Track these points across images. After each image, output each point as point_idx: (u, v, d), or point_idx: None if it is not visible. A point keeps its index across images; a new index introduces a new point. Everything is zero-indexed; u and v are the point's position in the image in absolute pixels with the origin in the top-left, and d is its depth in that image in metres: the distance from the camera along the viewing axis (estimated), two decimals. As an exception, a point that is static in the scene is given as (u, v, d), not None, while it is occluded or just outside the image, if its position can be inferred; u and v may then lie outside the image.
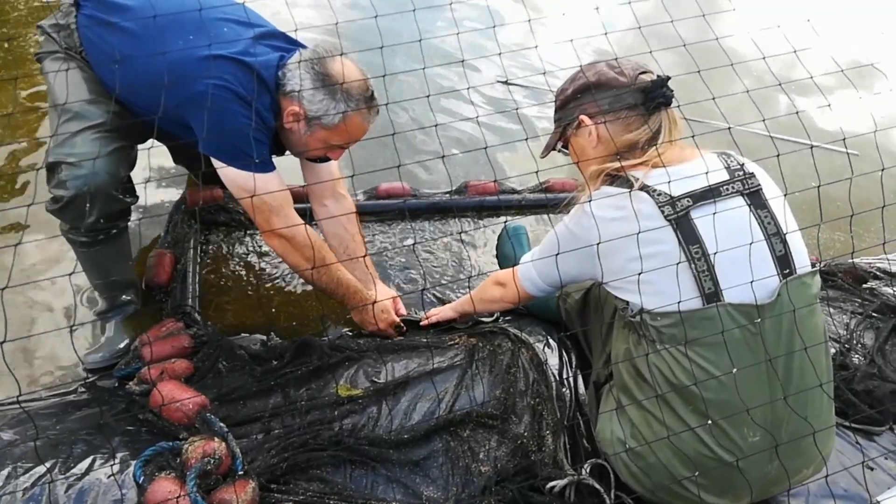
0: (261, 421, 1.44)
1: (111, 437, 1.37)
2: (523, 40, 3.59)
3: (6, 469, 1.25)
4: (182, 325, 1.75)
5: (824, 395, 1.24)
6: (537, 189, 2.53)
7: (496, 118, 3.06)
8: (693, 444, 1.21)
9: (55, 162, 1.52)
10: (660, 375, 1.23)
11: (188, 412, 1.39)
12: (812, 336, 1.23)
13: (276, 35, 1.69)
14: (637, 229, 1.19)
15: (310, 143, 1.65)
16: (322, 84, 1.55)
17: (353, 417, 1.46)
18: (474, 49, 3.30)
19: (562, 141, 1.46)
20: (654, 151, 1.27)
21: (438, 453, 1.42)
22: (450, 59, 3.02)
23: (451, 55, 3.12)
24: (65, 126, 1.55)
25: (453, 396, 1.54)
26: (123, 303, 1.86)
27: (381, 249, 2.26)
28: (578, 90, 1.39)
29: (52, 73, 1.61)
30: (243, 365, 1.62)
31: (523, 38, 3.60)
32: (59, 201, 1.53)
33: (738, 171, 1.28)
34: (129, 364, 1.68)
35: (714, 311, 1.18)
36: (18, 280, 1.87)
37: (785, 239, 1.24)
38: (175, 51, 1.50)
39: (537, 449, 1.46)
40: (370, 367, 1.61)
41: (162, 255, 1.99)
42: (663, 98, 1.31)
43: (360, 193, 2.39)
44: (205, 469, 1.21)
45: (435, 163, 2.62)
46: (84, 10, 1.60)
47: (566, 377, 1.64)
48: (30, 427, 1.42)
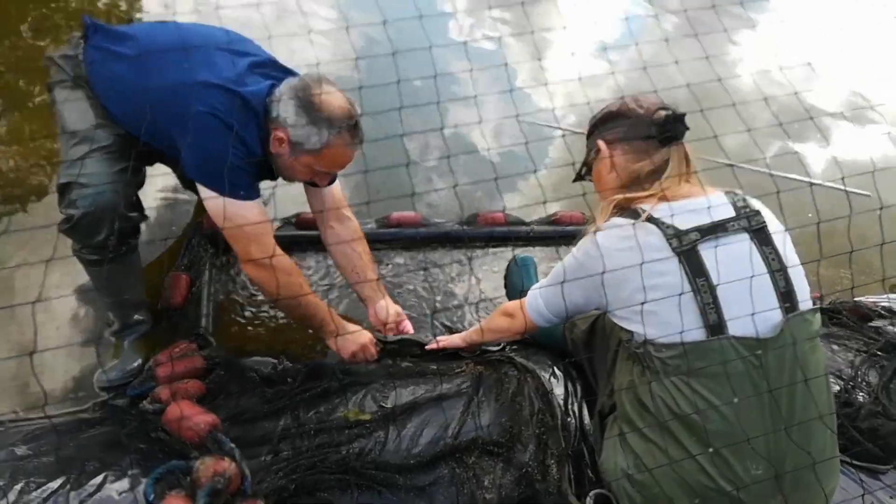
0: (270, 442, 1.46)
1: (123, 455, 1.39)
2: (533, 78, 3.67)
3: (19, 484, 1.28)
4: (195, 346, 1.79)
5: (827, 432, 1.25)
6: (546, 221, 2.57)
7: (507, 151, 3.12)
8: (696, 476, 1.22)
9: (66, 183, 1.58)
10: (664, 406, 1.25)
11: (200, 432, 1.41)
12: (814, 372, 1.25)
13: (270, 64, 1.74)
14: (644, 261, 1.23)
15: (295, 168, 1.69)
16: (305, 111, 1.59)
17: (361, 441, 1.48)
18: (487, 85, 3.38)
19: (586, 167, 1.51)
20: (663, 183, 1.32)
21: (444, 480, 1.44)
22: (461, 94, 3.08)
23: (462, 92, 3.19)
24: (74, 149, 1.62)
25: (459, 423, 1.55)
26: (136, 322, 1.90)
27: (393, 276, 2.29)
28: (602, 119, 1.46)
29: (61, 101, 1.68)
30: (254, 387, 1.65)
31: (532, 76, 3.69)
32: (70, 220, 1.59)
33: (745, 209, 1.32)
34: (142, 384, 1.71)
35: (718, 343, 1.21)
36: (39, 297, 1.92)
37: (788, 275, 1.27)
38: (169, 79, 1.57)
39: (542, 478, 1.48)
40: (378, 392, 1.63)
41: (178, 276, 2.03)
42: (674, 133, 1.36)
43: (371, 222, 2.44)
44: (215, 488, 1.23)
45: (444, 194, 2.67)
46: (91, 42, 1.68)
47: (571, 407, 1.66)
48: (43, 444, 1.44)
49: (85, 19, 1.69)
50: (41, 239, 2.00)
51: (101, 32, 1.69)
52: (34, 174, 2.32)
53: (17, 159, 2.35)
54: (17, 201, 2.23)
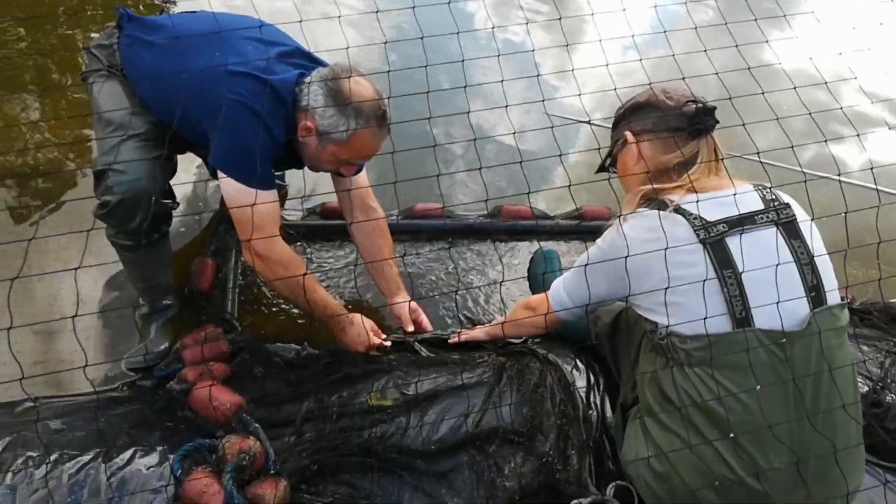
0: (293, 424, 1.49)
1: (151, 432, 1.43)
2: (560, 72, 3.66)
3: (54, 455, 1.32)
4: (221, 330, 1.82)
5: (852, 423, 1.24)
6: (571, 216, 2.56)
7: (531, 144, 3.11)
8: (717, 467, 1.21)
9: (102, 170, 1.61)
10: (686, 397, 1.24)
11: (225, 411, 1.44)
12: (840, 366, 1.24)
13: (299, 54, 1.75)
14: (670, 251, 1.22)
15: (321, 157, 1.69)
16: (334, 100, 1.60)
17: (383, 426, 1.50)
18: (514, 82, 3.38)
19: (611, 158, 1.51)
20: (691, 175, 1.31)
21: (464, 466, 1.45)
22: (488, 87, 3.08)
23: (489, 85, 3.19)
24: (110, 137, 1.65)
25: (480, 412, 1.56)
26: (164, 307, 1.94)
27: (416, 268, 2.30)
28: (629, 109, 1.45)
29: (97, 89, 1.72)
30: (278, 371, 1.67)
31: (559, 76, 3.67)
32: (106, 206, 1.61)
33: (774, 202, 1.30)
34: (169, 365, 1.75)
35: (743, 335, 1.20)
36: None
37: (817, 270, 1.26)
38: (197, 65, 1.58)
39: (562, 468, 1.48)
40: (400, 379, 1.65)
41: (205, 262, 2.07)
42: (704, 125, 1.35)
43: (395, 213, 2.45)
44: (240, 464, 1.26)
45: (469, 187, 2.67)
46: (125, 31, 1.72)
47: (593, 399, 1.65)
48: (76, 418, 1.49)
49: (119, 10, 1.73)
50: (76, 221, 2.04)
51: (135, 22, 1.72)
52: (69, 160, 2.37)
53: (51, 146, 2.41)
54: (52, 186, 2.29)
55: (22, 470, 1.29)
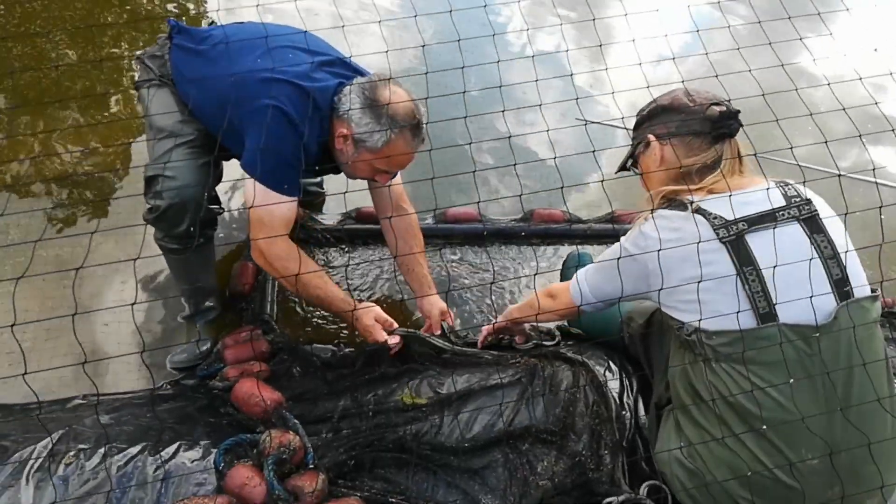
0: (330, 421, 1.53)
1: (195, 427, 1.49)
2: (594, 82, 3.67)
3: (103, 448, 1.38)
4: (260, 331, 1.88)
5: (888, 418, 1.22)
6: (604, 219, 2.56)
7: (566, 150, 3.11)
8: (750, 463, 1.21)
9: (153, 175, 1.68)
10: (716, 393, 1.24)
11: (266, 408, 1.49)
12: (873, 358, 1.22)
13: (340, 63, 1.78)
14: (691, 250, 1.23)
15: (356, 164, 1.72)
16: (370, 108, 1.62)
17: (417, 424, 1.53)
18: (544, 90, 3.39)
19: (632, 159, 1.51)
20: (712, 178, 1.31)
21: (497, 464, 1.47)
22: (521, 94, 3.10)
23: (524, 99, 3.21)
24: (161, 143, 1.72)
25: (513, 411, 1.58)
26: (207, 308, 2.00)
27: (447, 271, 2.33)
28: (652, 112, 1.46)
29: (148, 98, 1.79)
30: (315, 370, 1.72)
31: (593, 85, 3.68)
32: (156, 210, 1.68)
33: (796, 198, 1.30)
34: (211, 365, 1.81)
35: (768, 330, 1.20)
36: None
37: (842, 263, 1.25)
38: (238, 70, 1.62)
39: (595, 467, 1.48)
40: (434, 379, 1.68)
41: (245, 266, 2.13)
42: (728, 129, 1.36)
43: (428, 217, 2.48)
44: (281, 458, 1.30)
45: (501, 193, 2.69)
46: (175, 41, 1.79)
47: (626, 400, 1.66)
48: (123, 414, 1.55)
49: (170, 22, 1.81)
50: (122, 225, 2.13)
51: (185, 33, 1.80)
52: (118, 168, 2.47)
53: (99, 154, 2.51)
54: (103, 192, 2.39)
55: (73, 462, 1.36)
